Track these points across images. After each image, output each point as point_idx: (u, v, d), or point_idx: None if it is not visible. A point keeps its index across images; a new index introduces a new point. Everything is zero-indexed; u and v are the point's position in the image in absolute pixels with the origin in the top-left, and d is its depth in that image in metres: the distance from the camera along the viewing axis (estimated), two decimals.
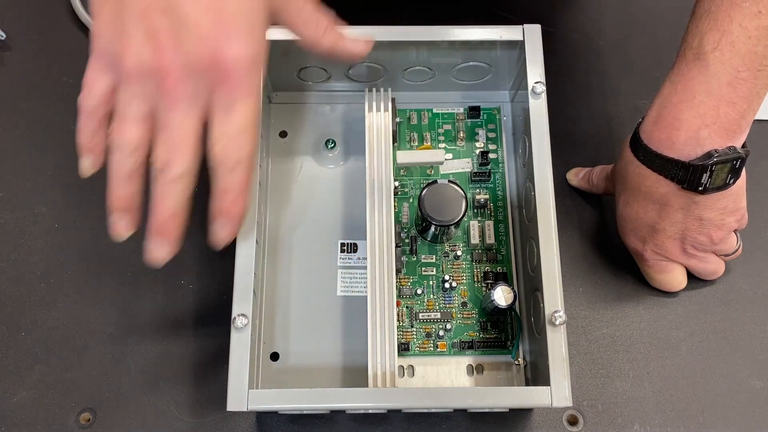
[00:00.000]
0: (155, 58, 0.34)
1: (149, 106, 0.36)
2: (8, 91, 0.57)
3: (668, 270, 0.49)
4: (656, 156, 0.44)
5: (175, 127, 0.35)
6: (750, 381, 0.48)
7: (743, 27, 0.40)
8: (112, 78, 0.37)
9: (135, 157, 0.36)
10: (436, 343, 0.48)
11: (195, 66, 0.34)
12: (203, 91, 0.35)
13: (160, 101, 0.35)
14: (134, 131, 0.36)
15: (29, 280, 0.51)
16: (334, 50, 0.41)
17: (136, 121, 0.36)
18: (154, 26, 0.34)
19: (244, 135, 0.36)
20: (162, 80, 0.34)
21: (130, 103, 0.36)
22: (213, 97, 0.35)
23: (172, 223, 0.37)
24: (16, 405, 0.47)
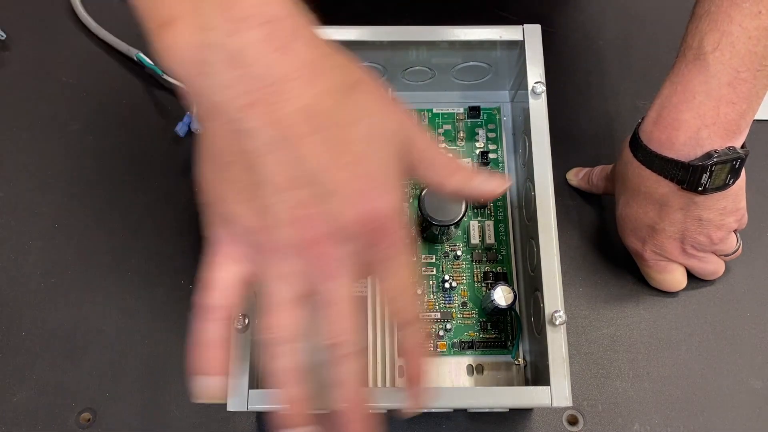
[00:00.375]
0: (306, 231, 0.31)
1: (302, 285, 0.32)
2: (8, 91, 0.57)
3: (668, 270, 0.49)
4: (656, 156, 0.44)
5: (335, 299, 0.32)
6: (750, 381, 0.48)
7: (743, 27, 0.40)
8: (242, 268, 0.33)
9: (297, 346, 0.32)
10: (436, 343, 0.48)
11: (348, 231, 0.31)
12: (359, 252, 0.32)
13: (315, 274, 0.31)
14: (292, 319, 0.32)
15: (29, 280, 0.51)
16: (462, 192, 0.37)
17: (292, 305, 0.32)
18: (297, 200, 0.30)
19: (411, 291, 0.34)
20: (316, 251, 0.31)
21: (282, 285, 0.32)
22: (371, 256, 0.32)
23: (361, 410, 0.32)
24: (16, 405, 0.47)
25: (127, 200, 0.53)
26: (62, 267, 0.51)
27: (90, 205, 0.53)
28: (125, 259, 0.51)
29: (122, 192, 0.53)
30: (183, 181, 0.54)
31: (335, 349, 0.32)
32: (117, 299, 0.50)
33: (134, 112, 0.56)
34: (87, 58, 0.58)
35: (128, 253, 0.51)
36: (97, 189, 0.54)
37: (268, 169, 0.30)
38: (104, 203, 0.53)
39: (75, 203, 0.53)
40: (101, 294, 0.50)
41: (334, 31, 0.47)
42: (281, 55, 0.29)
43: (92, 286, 0.51)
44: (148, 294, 0.50)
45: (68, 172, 0.54)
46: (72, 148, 0.55)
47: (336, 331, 0.32)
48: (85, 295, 0.50)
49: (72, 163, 0.54)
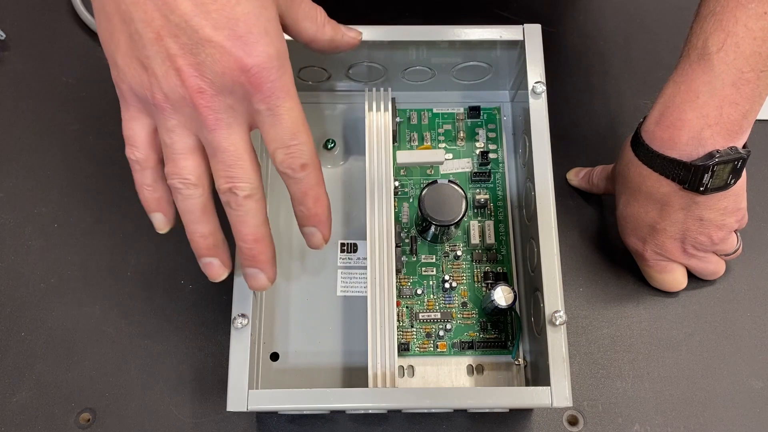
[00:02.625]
0: (181, 83, 0.33)
1: (193, 134, 0.35)
2: (8, 91, 0.57)
3: (668, 270, 0.49)
4: (657, 156, 0.44)
5: (225, 146, 0.34)
6: (750, 381, 0.48)
7: (748, 28, 0.40)
8: (148, 120, 0.35)
9: (200, 190, 0.35)
10: (436, 343, 0.48)
11: (222, 81, 0.33)
12: (239, 103, 0.34)
13: (201, 126, 0.34)
14: (190, 164, 0.35)
15: (29, 280, 0.51)
16: (334, 41, 0.40)
17: (187, 154, 0.35)
18: (171, 51, 0.32)
19: (298, 137, 0.35)
20: (195, 104, 0.33)
21: (173, 137, 0.34)
22: (252, 108, 0.34)
23: (260, 248, 0.36)
24: (16, 405, 0.47)
25: (127, 200, 0.53)
26: (62, 267, 0.51)
27: (90, 205, 0.53)
28: (125, 259, 0.51)
29: (122, 192, 0.53)
30: None
31: (231, 193, 0.34)
32: (117, 299, 0.50)
33: None
34: (87, 57, 0.58)
35: (128, 253, 0.51)
36: (97, 189, 0.54)
37: (140, 18, 0.32)
38: (104, 203, 0.53)
39: (75, 203, 0.53)
40: (101, 294, 0.50)
41: None
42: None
43: (92, 286, 0.51)
44: (148, 294, 0.50)
45: (68, 172, 0.54)
46: (72, 148, 0.55)
47: (229, 176, 0.34)
48: (85, 295, 0.50)
49: (72, 163, 0.54)
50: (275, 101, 0.34)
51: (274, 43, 0.34)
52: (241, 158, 0.34)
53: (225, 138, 0.34)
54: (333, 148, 0.53)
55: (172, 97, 0.33)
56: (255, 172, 0.35)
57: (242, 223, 0.35)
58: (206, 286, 0.50)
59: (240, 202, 0.35)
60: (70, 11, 0.60)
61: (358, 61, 0.50)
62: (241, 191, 0.35)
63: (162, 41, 0.32)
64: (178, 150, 0.35)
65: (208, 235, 0.36)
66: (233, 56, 0.32)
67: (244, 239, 0.36)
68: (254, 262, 0.37)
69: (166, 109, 0.34)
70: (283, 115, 0.34)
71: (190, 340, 0.49)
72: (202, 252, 0.37)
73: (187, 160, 0.35)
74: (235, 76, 0.33)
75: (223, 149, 0.34)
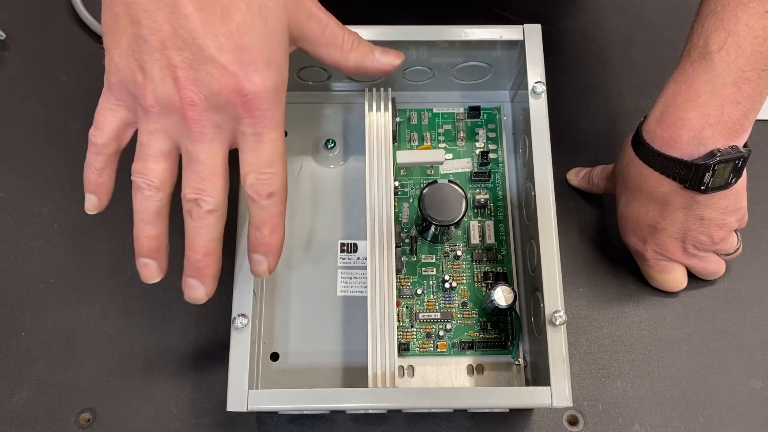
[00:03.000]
0: (176, 92, 0.33)
1: (172, 141, 0.35)
2: (8, 91, 0.57)
3: (669, 270, 0.49)
4: (658, 155, 0.44)
5: (203, 159, 0.35)
6: (750, 381, 0.48)
7: (749, 27, 0.40)
8: (125, 114, 0.36)
9: (161, 194, 0.36)
10: (436, 343, 0.48)
11: (216, 99, 0.34)
12: (227, 122, 0.34)
13: (184, 135, 0.35)
14: (159, 167, 0.36)
15: (29, 280, 0.51)
16: (361, 67, 0.40)
17: (159, 157, 0.35)
18: (173, 61, 0.33)
19: (274, 166, 0.36)
20: (184, 114, 0.34)
21: (152, 139, 0.35)
22: (238, 129, 0.35)
23: (208, 262, 0.37)
24: (16, 405, 0.47)
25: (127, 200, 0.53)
26: (62, 267, 0.51)
27: None
28: (125, 259, 0.51)
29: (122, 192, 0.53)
30: None
31: (195, 204, 0.35)
32: (117, 299, 0.50)
33: None
34: (87, 57, 0.58)
35: (128, 253, 0.51)
36: None
37: (148, 25, 0.33)
38: None
39: (75, 203, 0.53)
40: (101, 294, 0.50)
41: None
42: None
43: (92, 286, 0.51)
44: (148, 294, 0.50)
45: (68, 172, 0.54)
46: (72, 148, 0.55)
47: (198, 188, 0.35)
48: (85, 295, 0.50)
49: (72, 163, 0.54)
50: (262, 128, 0.35)
51: (274, 76, 0.34)
52: (215, 174, 0.35)
53: (205, 151, 0.35)
54: (333, 148, 0.53)
55: (163, 103, 0.34)
56: (223, 190, 0.36)
57: (198, 234, 0.36)
58: None
59: (202, 214, 0.35)
60: (70, 11, 0.60)
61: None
62: (206, 204, 0.35)
63: (166, 51, 0.33)
64: (152, 152, 0.35)
65: (154, 237, 0.37)
66: (233, 79, 0.33)
67: (195, 250, 0.36)
68: (198, 274, 0.37)
69: (153, 112, 0.34)
70: (265, 143, 0.35)
71: (190, 340, 0.49)
72: (143, 252, 0.38)
73: (158, 164, 0.36)
74: (229, 97, 0.33)
75: (200, 161, 0.35)
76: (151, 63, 0.33)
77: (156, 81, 0.33)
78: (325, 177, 0.53)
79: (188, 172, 0.35)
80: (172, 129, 0.35)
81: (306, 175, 0.53)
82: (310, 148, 0.54)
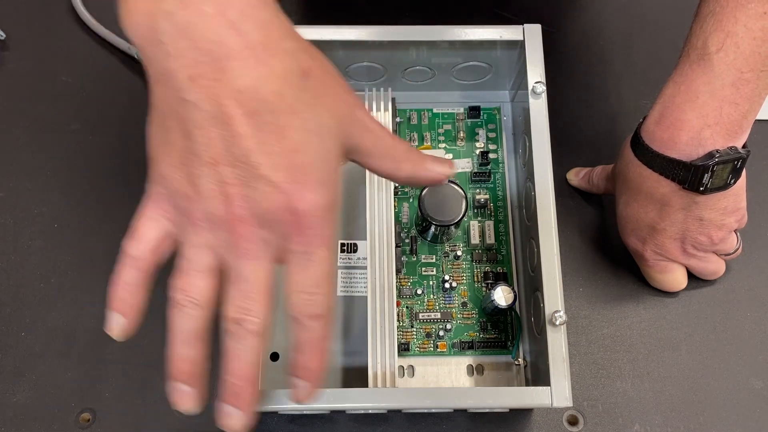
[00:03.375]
0: (225, 208, 0.32)
1: (217, 257, 0.33)
2: (8, 91, 0.57)
3: (668, 270, 0.49)
4: (657, 156, 0.44)
5: (249, 277, 0.33)
6: (750, 381, 0.48)
7: (748, 28, 0.40)
8: (168, 226, 0.34)
9: (204, 312, 0.34)
10: (436, 343, 0.48)
11: (267, 217, 0.32)
12: (276, 239, 0.33)
13: (230, 251, 0.33)
14: (203, 284, 0.34)
15: (29, 280, 0.51)
16: (413, 178, 0.38)
17: (205, 273, 0.33)
18: (224, 178, 0.31)
19: (322, 287, 0.33)
20: (233, 230, 0.32)
21: (197, 254, 0.33)
22: (287, 245, 0.33)
23: (247, 388, 0.34)
24: (16, 405, 0.47)
25: (127, 200, 0.53)
26: (62, 267, 0.51)
27: (90, 205, 0.53)
28: None
29: (122, 192, 0.53)
30: None
31: (238, 324, 0.33)
32: None
33: (135, 111, 0.56)
34: (87, 57, 0.58)
35: None
36: (97, 189, 0.54)
37: (201, 142, 0.31)
38: (104, 203, 0.53)
39: (75, 203, 0.53)
40: (101, 294, 0.50)
41: (334, 30, 0.47)
42: (231, 32, 0.30)
43: (92, 286, 0.51)
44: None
45: (68, 172, 0.54)
46: (72, 148, 0.55)
47: (243, 307, 0.33)
48: (85, 295, 0.50)
49: (72, 163, 0.54)
50: (312, 248, 0.33)
51: (327, 194, 0.33)
52: (260, 293, 0.33)
53: (251, 269, 0.33)
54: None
55: (211, 218, 0.32)
56: (269, 310, 0.34)
57: (238, 357, 0.34)
58: None
59: (245, 335, 0.33)
60: (70, 11, 0.60)
61: (358, 61, 0.50)
62: (250, 325, 0.33)
63: (218, 167, 0.31)
64: (196, 267, 0.34)
65: (193, 361, 0.35)
66: (285, 197, 0.32)
67: (234, 374, 0.34)
68: (236, 400, 0.34)
69: (201, 227, 0.33)
70: (314, 262, 0.33)
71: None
72: (179, 376, 0.35)
73: (202, 280, 0.34)
74: (280, 215, 0.32)
75: (245, 279, 0.33)
76: (202, 178, 0.32)
77: (206, 196, 0.32)
78: None
79: (233, 290, 0.33)
80: (218, 245, 0.33)
81: None
82: None
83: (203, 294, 0.34)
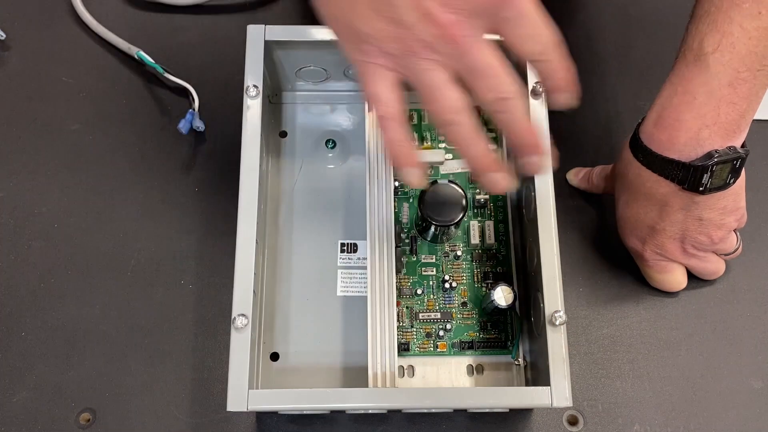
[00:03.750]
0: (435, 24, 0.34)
1: (452, 69, 0.35)
2: (8, 91, 0.57)
3: (668, 270, 0.49)
4: (656, 157, 0.44)
5: (483, 64, 0.35)
6: (750, 381, 0.48)
7: (743, 28, 0.40)
8: (393, 75, 0.36)
9: (471, 115, 0.36)
10: (436, 343, 0.48)
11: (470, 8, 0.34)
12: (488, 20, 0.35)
13: (459, 56, 0.35)
14: (455, 94, 0.35)
15: (29, 280, 0.51)
16: None
17: (450, 84, 0.35)
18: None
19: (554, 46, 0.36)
20: (451, 38, 0.34)
21: (433, 76, 0.35)
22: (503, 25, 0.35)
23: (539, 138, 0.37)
24: (16, 405, 0.47)
25: (127, 200, 0.53)
26: (62, 267, 0.51)
27: (90, 205, 0.53)
28: (125, 259, 0.51)
29: (122, 191, 0.53)
30: (184, 180, 0.54)
31: (503, 101, 0.35)
32: (117, 299, 0.50)
33: (135, 110, 0.56)
34: (87, 57, 0.58)
35: (128, 253, 0.51)
36: (97, 189, 0.54)
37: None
38: (104, 203, 0.53)
39: (75, 203, 0.53)
40: (101, 294, 0.50)
41: None
42: None
43: (92, 286, 0.51)
44: (148, 294, 0.50)
45: (68, 172, 0.54)
46: (72, 148, 0.55)
47: (498, 85, 0.35)
48: (85, 295, 0.50)
49: (72, 163, 0.54)
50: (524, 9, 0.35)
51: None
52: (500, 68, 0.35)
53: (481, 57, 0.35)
54: (333, 148, 0.53)
55: (428, 40, 0.34)
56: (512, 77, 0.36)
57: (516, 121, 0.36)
58: (206, 286, 0.50)
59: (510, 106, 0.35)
60: (70, 11, 0.60)
61: None
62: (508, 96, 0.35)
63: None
64: (439, 84, 0.35)
65: (486, 153, 0.37)
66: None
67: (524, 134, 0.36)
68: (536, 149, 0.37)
69: (423, 53, 0.35)
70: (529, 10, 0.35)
71: (190, 340, 0.49)
72: (490, 167, 0.37)
73: (452, 91, 0.35)
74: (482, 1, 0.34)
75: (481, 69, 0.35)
76: (400, 8, 0.34)
77: (413, 25, 0.34)
78: (325, 177, 0.53)
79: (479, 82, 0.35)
80: (446, 58, 0.35)
81: (306, 175, 0.53)
82: (310, 148, 0.54)
83: (462, 100, 0.36)
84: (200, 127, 0.54)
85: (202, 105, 0.54)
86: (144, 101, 0.57)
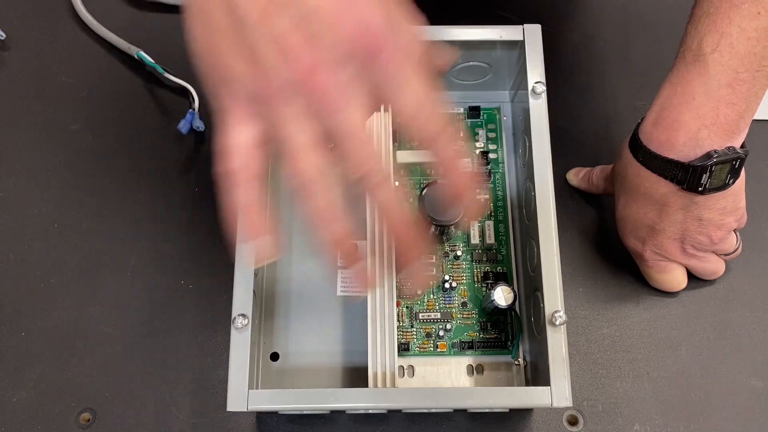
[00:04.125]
0: (294, 65, 0.29)
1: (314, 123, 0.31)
2: (8, 91, 0.57)
3: (668, 270, 0.49)
4: (655, 157, 0.44)
5: (352, 129, 0.30)
6: (750, 381, 0.48)
7: (742, 28, 0.40)
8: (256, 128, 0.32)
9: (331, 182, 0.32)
10: (436, 343, 0.48)
11: (339, 50, 0.29)
12: (360, 76, 0.30)
13: (321, 109, 0.30)
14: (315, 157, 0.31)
15: (29, 280, 0.51)
16: None
17: (311, 147, 0.31)
18: (279, 31, 0.29)
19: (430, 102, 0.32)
20: (312, 84, 0.29)
21: (295, 130, 0.31)
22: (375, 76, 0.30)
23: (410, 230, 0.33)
24: (16, 405, 0.47)
25: (127, 200, 0.53)
26: (62, 267, 0.51)
27: (90, 205, 0.53)
28: (125, 259, 0.51)
29: (122, 191, 0.53)
30: (184, 180, 0.54)
31: (366, 181, 0.31)
32: (117, 299, 0.50)
33: (135, 110, 0.56)
34: (87, 57, 0.58)
35: (128, 252, 0.51)
36: (97, 189, 0.54)
37: (242, 4, 0.29)
38: (104, 203, 0.53)
39: (75, 203, 0.53)
40: (101, 294, 0.50)
41: None
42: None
43: (92, 286, 0.51)
44: (148, 294, 0.50)
45: (68, 172, 0.54)
46: (72, 148, 0.55)
47: (361, 161, 0.31)
48: (85, 295, 0.50)
49: (72, 163, 0.54)
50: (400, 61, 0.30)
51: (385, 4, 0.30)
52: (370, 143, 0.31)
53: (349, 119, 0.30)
54: (333, 148, 0.53)
55: (287, 85, 0.30)
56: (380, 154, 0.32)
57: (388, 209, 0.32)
58: (206, 286, 0.50)
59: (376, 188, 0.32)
60: (70, 11, 0.60)
61: None
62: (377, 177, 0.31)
63: (269, 20, 0.29)
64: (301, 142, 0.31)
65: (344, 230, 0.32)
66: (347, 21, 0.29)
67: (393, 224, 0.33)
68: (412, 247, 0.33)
69: (282, 99, 0.30)
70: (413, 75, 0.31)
71: (190, 340, 0.49)
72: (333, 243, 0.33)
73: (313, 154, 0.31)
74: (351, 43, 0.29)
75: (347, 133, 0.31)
76: (259, 41, 0.29)
77: (271, 63, 0.29)
78: None
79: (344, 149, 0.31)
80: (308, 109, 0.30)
81: None
82: None
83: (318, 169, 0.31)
84: (200, 127, 0.54)
85: (202, 105, 0.54)
86: (144, 101, 0.57)
